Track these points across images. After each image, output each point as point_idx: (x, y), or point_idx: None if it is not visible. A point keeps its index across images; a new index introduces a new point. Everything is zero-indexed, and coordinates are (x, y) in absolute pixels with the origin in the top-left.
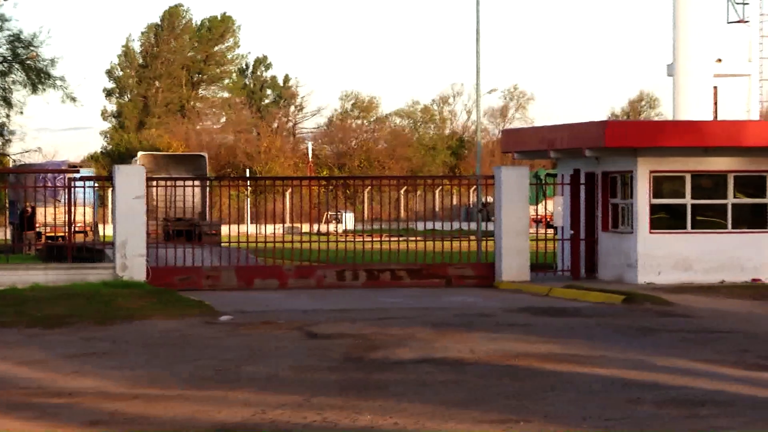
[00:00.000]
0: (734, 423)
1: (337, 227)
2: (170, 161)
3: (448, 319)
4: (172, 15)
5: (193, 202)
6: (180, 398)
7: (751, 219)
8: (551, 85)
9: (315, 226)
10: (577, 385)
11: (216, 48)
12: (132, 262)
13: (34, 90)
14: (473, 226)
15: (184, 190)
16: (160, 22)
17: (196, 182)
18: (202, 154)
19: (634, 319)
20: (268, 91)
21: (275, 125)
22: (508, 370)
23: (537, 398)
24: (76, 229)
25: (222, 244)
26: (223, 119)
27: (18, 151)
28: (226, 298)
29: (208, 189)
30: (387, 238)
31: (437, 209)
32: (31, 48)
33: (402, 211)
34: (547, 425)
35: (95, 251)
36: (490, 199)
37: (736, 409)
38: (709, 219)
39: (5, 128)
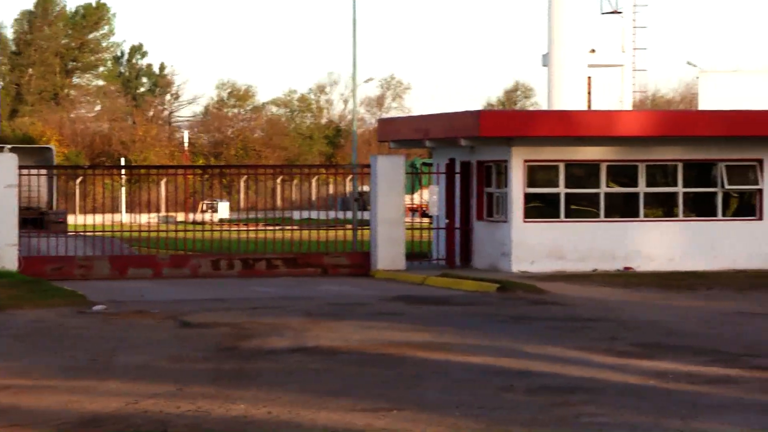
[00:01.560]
0: (604, 410)
1: (212, 216)
2: (18, 153)
3: (322, 308)
4: (46, 2)
5: (39, 192)
6: (52, 389)
7: (623, 208)
8: (428, 74)
9: (190, 216)
10: (450, 373)
11: (90, 35)
12: (3, 252)
13: None
14: (349, 215)
15: (29, 179)
16: (33, 9)
17: (43, 171)
18: (49, 146)
19: (507, 307)
20: (144, 80)
21: (151, 114)
22: (382, 358)
23: (410, 386)
24: None
25: (69, 232)
26: (98, 107)
27: None
28: (99, 288)
29: (54, 179)
30: (263, 228)
31: (313, 198)
32: None
33: (278, 201)
34: (419, 413)
35: None
36: (366, 188)
37: (606, 396)
38: (582, 208)
39: None
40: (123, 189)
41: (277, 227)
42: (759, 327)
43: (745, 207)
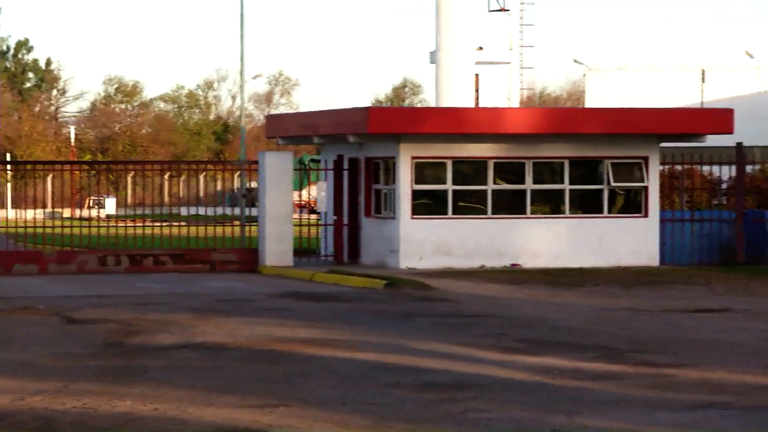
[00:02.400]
0: (490, 405)
1: (99, 213)
2: None
3: (210, 304)
4: None
5: None
6: None
7: (510, 205)
8: (316, 71)
9: (77, 212)
10: (338, 369)
11: None
12: None
13: None
14: (237, 211)
15: None
16: None
17: None
18: None
19: (395, 303)
20: (30, 75)
21: (37, 109)
22: (269, 354)
23: (297, 382)
24: None
25: None
26: None
27: None
28: None
29: None
30: (150, 224)
31: (201, 195)
32: None
33: (166, 197)
34: (306, 409)
35: None
36: (254, 184)
37: (493, 391)
38: (470, 205)
39: None
40: (9, 185)
41: (164, 223)
42: (644, 323)
43: (631, 204)
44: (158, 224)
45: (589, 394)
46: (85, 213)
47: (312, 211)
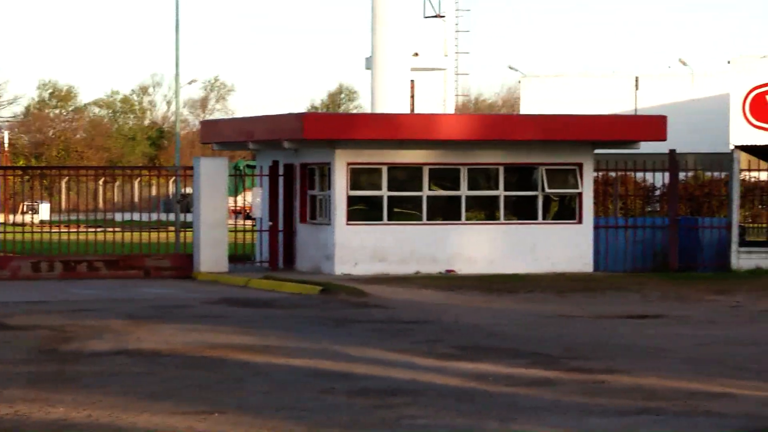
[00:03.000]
0: (424, 411)
1: (33, 218)
2: None
3: (144, 310)
4: None
5: None
6: None
7: (445, 211)
8: (252, 76)
9: (10, 217)
10: (272, 375)
11: None
12: None
13: None
14: (172, 217)
15: None
16: None
17: None
18: None
19: (330, 309)
20: None
21: None
22: (204, 361)
23: (232, 389)
24: None
25: None
26: None
27: None
28: None
29: None
30: (84, 229)
31: (136, 200)
32: None
33: (100, 202)
34: (241, 416)
35: None
36: (189, 190)
37: (427, 398)
38: (405, 211)
39: None
40: None
41: (99, 229)
42: (578, 329)
43: (565, 210)
44: (93, 230)
45: (523, 400)
46: (19, 218)
47: (247, 216)
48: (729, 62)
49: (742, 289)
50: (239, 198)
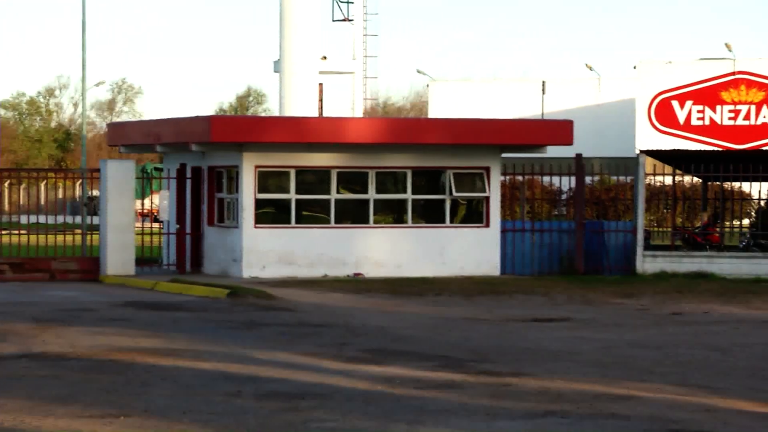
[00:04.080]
0: (332, 415)
1: None
2: None
3: (50, 313)
4: None
5: None
6: None
7: (354, 214)
8: (160, 79)
9: None
10: (179, 379)
11: None
12: None
13: None
14: (79, 220)
15: None
16: None
17: None
18: None
19: (238, 313)
20: None
21: None
22: (110, 364)
23: (138, 393)
24: None
25: None
26: None
27: None
28: None
29: None
30: None
31: (42, 203)
32: None
33: (5, 205)
34: (147, 419)
35: None
36: (96, 193)
37: (334, 401)
38: (313, 214)
39: None
40: None
41: (4, 231)
42: (485, 332)
43: (472, 214)
44: None
45: (430, 403)
46: None
47: (155, 219)
48: (635, 67)
49: (647, 292)
50: (146, 201)
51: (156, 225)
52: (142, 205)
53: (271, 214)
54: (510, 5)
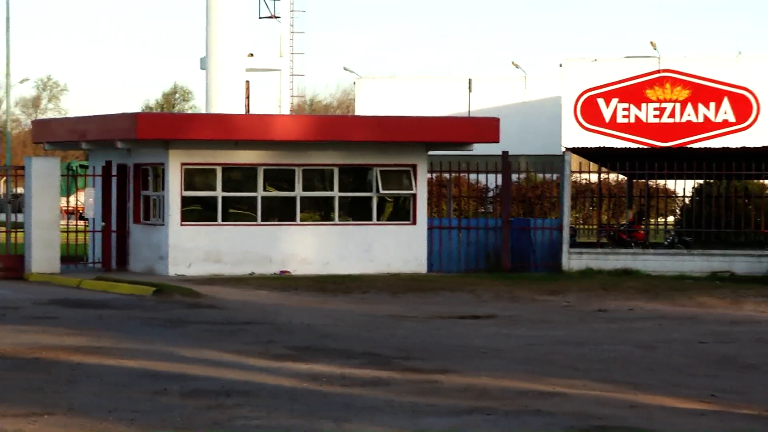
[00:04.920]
0: (258, 412)
1: None
2: None
3: None
4: None
5: None
6: None
7: (281, 212)
8: (86, 76)
9: None
10: (105, 377)
11: None
12: None
13: None
14: (3, 217)
15: None
16: None
17: None
18: None
19: (164, 310)
20: None
21: None
22: (35, 362)
23: (63, 391)
24: None
25: None
26: None
27: None
28: None
29: None
30: None
31: None
32: None
33: None
34: (72, 417)
35: None
36: (21, 190)
37: (261, 398)
38: (240, 212)
39: None
40: None
41: None
42: (411, 330)
43: (399, 211)
44: None
45: (357, 401)
46: None
47: (81, 217)
48: (561, 65)
49: (573, 289)
50: (72, 198)
51: (81, 223)
52: (68, 202)
53: (197, 211)
54: (437, 3)
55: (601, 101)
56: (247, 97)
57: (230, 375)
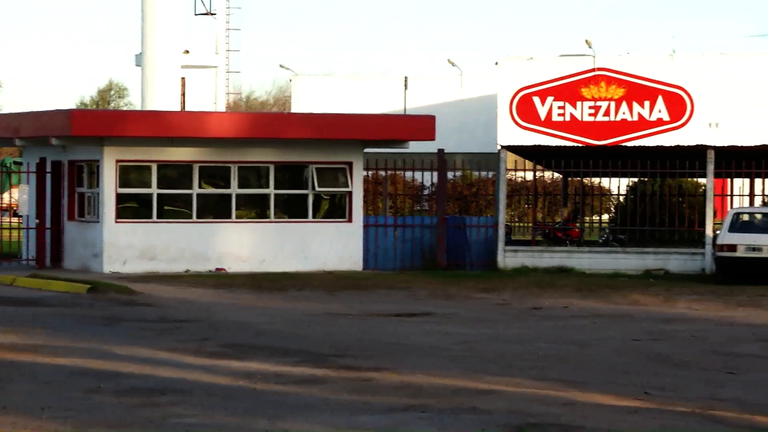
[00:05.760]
0: (193, 410)
1: None
2: None
3: None
4: None
5: None
6: None
7: (216, 209)
8: (20, 72)
9: None
10: (38, 375)
11: None
12: None
13: None
14: None
15: None
16: None
17: None
18: None
19: (98, 308)
20: None
21: None
22: None
23: None
24: None
25: None
26: None
27: None
28: None
29: None
30: None
31: None
32: None
33: None
34: (4, 416)
35: None
36: None
37: (195, 396)
38: (176, 209)
39: None
40: None
41: None
42: (347, 327)
43: (335, 209)
44: None
45: (292, 399)
46: None
47: (15, 214)
48: (496, 63)
49: (508, 287)
50: (6, 195)
51: (15, 220)
52: (1, 199)
53: (132, 209)
54: (373, 1)
55: (536, 99)
56: (183, 94)
57: (165, 373)
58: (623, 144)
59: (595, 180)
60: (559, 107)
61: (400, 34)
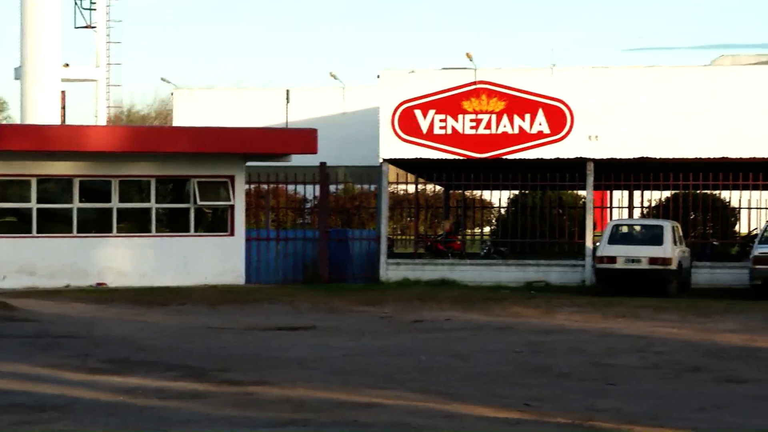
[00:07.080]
0: (74, 427)
1: None
2: None
3: None
4: None
5: None
6: None
7: (97, 224)
8: None
9: None
10: None
11: None
12: None
13: None
14: None
15: None
16: None
17: None
18: None
19: None
20: None
21: None
22: None
23: None
24: None
25: None
26: None
27: None
28: None
29: None
30: None
31: None
32: None
33: None
34: None
35: None
36: None
37: (76, 412)
38: (56, 224)
39: None
40: None
41: None
42: (229, 342)
43: (218, 223)
44: None
45: (173, 414)
46: None
47: None
48: (378, 76)
49: (390, 300)
50: None
51: None
52: None
53: (11, 223)
54: (253, 13)
55: (418, 112)
56: (63, 108)
57: (45, 389)
58: (504, 157)
59: (477, 193)
60: (441, 120)
61: (283, 47)
